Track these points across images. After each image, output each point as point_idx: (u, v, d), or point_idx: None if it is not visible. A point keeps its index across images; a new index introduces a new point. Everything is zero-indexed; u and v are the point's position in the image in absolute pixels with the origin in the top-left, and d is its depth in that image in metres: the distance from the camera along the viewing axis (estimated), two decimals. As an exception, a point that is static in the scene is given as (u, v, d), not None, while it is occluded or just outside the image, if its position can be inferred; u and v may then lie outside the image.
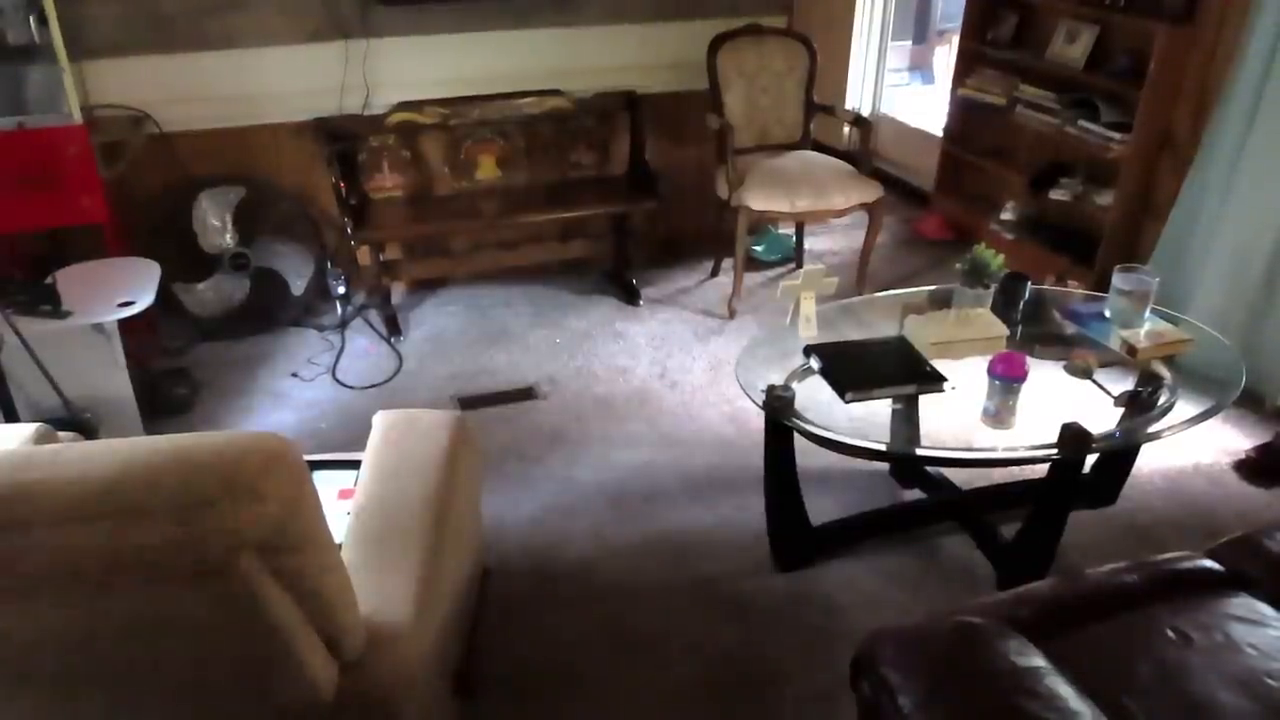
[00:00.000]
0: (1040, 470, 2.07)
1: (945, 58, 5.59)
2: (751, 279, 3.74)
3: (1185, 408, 2.01)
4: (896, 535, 2.39)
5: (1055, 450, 1.90)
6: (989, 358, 1.97)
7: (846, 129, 4.56)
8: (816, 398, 2.04)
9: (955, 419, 2.02)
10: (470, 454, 1.83)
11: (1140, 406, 2.05)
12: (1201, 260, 3.02)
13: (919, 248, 4.17)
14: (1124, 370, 2.15)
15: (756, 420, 2.15)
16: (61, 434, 1.71)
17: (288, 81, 3.36)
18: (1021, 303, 2.27)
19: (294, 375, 3.15)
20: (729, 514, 2.43)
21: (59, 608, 1.06)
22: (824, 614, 2.14)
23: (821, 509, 2.39)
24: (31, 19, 2.65)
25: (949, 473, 2.49)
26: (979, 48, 3.99)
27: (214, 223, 3.26)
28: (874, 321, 2.34)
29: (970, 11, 4.01)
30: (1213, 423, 2.06)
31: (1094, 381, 2.10)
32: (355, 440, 1.86)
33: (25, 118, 2.76)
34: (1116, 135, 3.34)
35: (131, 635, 1.11)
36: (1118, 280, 2.20)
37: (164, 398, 2.87)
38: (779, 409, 1.99)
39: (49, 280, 2.50)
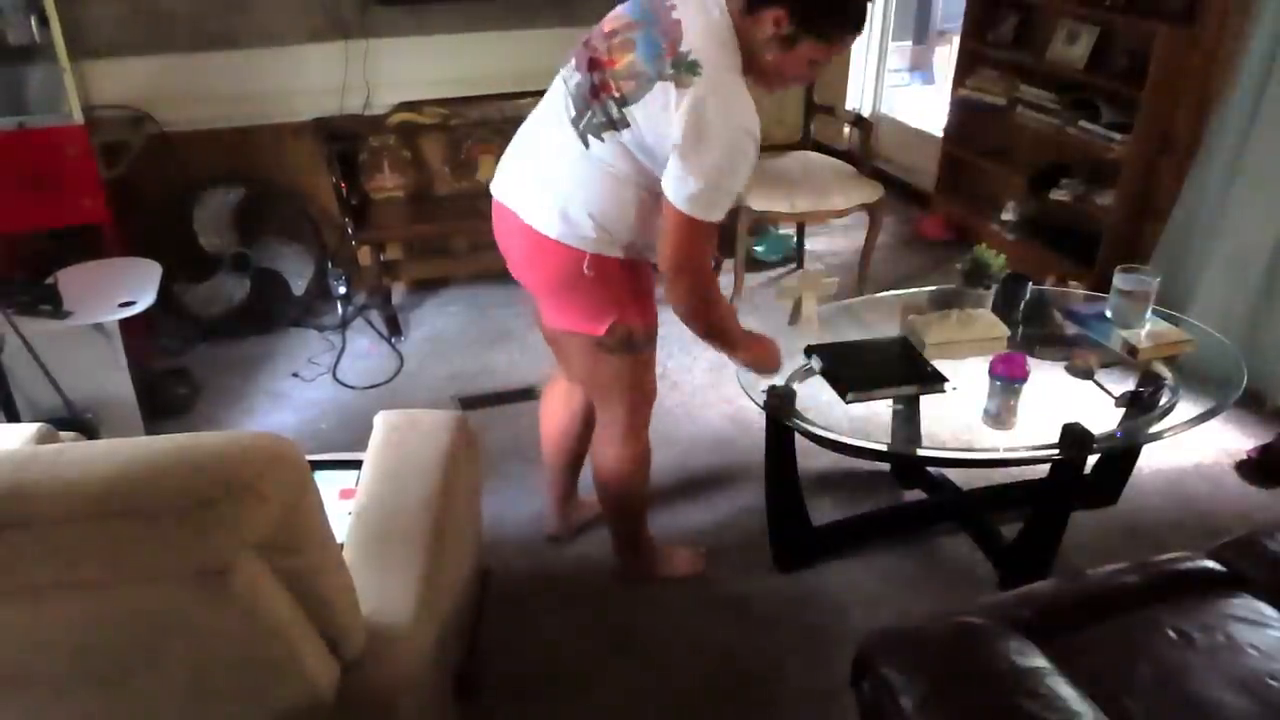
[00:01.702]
0: (1041, 470, 2.07)
1: (945, 58, 5.59)
2: (751, 279, 3.74)
3: (1186, 408, 2.01)
4: (897, 535, 2.39)
5: (1056, 451, 1.90)
6: (990, 358, 1.97)
7: (847, 129, 4.55)
8: (817, 398, 2.04)
9: (956, 419, 2.02)
10: (471, 454, 1.83)
11: (1141, 407, 2.05)
12: (1202, 260, 3.02)
13: (919, 248, 4.17)
14: (1125, 371, 2.15)
15: (757, 420, 2.15)
16: (63, 434, 1.71)
17: (288, 81, 3.36)
18: (1022, 303, 2.27)
19: (295, 375, 3.15)
20: (729, 514, 2.43)
21: (59, 607, 1.06)
22: (824, 614, 2.14)
23: (822, 509, 2.39)
24: (32, 19, 2.65)
25: (950, 473, 2.49)
26: (979, 48, 3.99)
27: (214, 223, 3.26)
28: (874, 322, 2.34)
29: (970, 11, 4.01)
30: (1213, 423, 2.06)
31: (1095, 382, 2.10)
32: (356, 440, 1.86)
33: (26, 118, 2.76)
34: (1117, 135, 3.34)
35: (132, 635, 1.11)
36: (1118, 280, 2.20)
37: (165, 398, 2.87)
38: (780, 409, 1.99)
39: (50, 280, 2.50)
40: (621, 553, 2.21)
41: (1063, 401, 2.02)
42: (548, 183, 1.71)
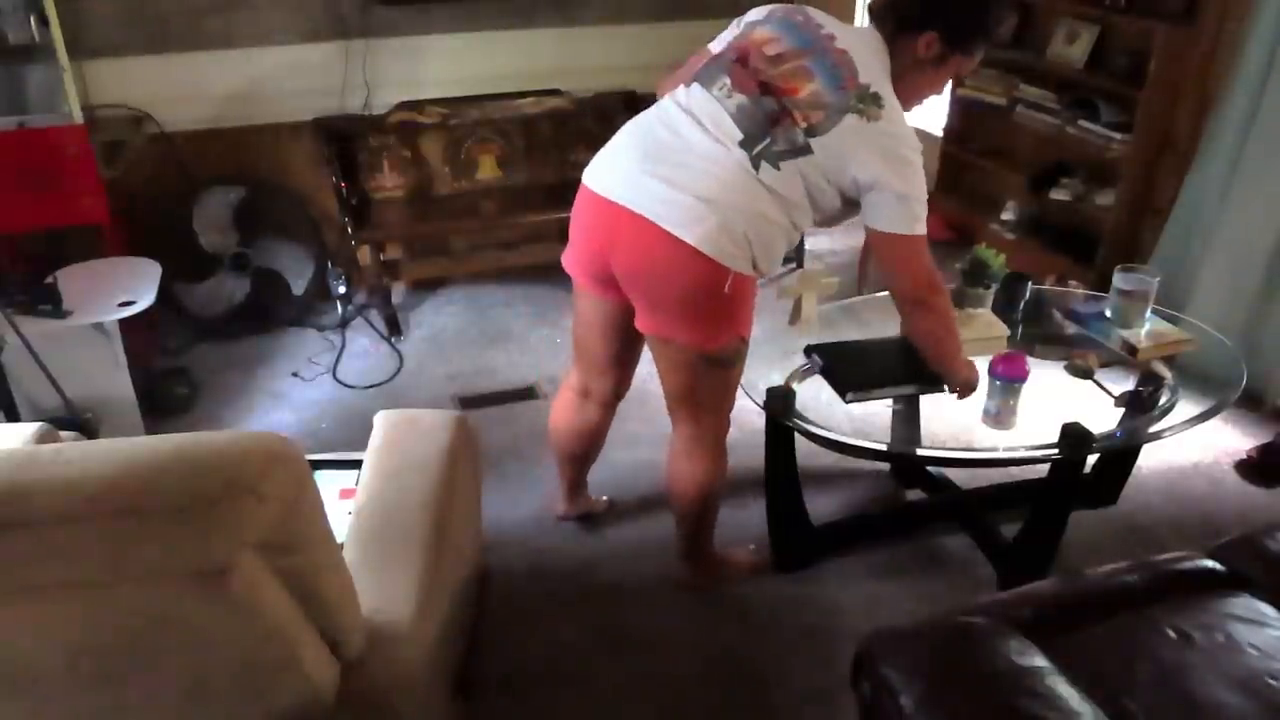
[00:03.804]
0: (1041, 470, 2.07)
1: (945, 58, 5.58)
2: (752, 279, 3.73)
3: (1186, 408, 2.01)
4: (897, 535, 2.39)
5: (1056, 450, 1.90)
6: (990, 358, 1.97)
7: (847, 129, 4.54)
8: (817, 398, 2.04)
9: (956, 419, 2.02)
10: (471, 454, 1.83)
11: (1141, 406, 2.05)
12: (1201, 260, 3.02)
13: (919, 248, 4.16)
14: (1125, 370, 2.15)
15: (757, 420, 2.15)
16: (63, 434, 1.71)
17: (288, 81, 3.36)
18: (1022, 303, 2.27)
19: (295, 375, 3.15)
20: (729, 514, 2.42)
21: (59, 608, 1.06)
22: (824, 614, 2.14)
23: (822, 509, 2.39)
24: (32, 19, 2.65)
25: (950, 473, 2.49)
26: (979, 48, 3.99)
27: (214, 223, 3.26)
28: (874, 321, 2.34)
29: (970, 11, 4.00)
30: (1213, 423, 2.06)
31: (1095, 381, 2.10)
32: (356, 440, 1.86)
33: (25, 117, 2.76)
34: (1116, 135, 3.34)
35: (132, 635, 1.11)
36: (1118, 280, 2.20)
37: (164, 397, 2.87)
38: (779, 409, 1.99)
39: (49, 280, 2.50)
40: (689, 560, 2.20)
41: (1063, 401, 2.02)
42: (707, 197, 1.65)
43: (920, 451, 2.08)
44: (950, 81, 1.77)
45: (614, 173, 1.76)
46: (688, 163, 1.68)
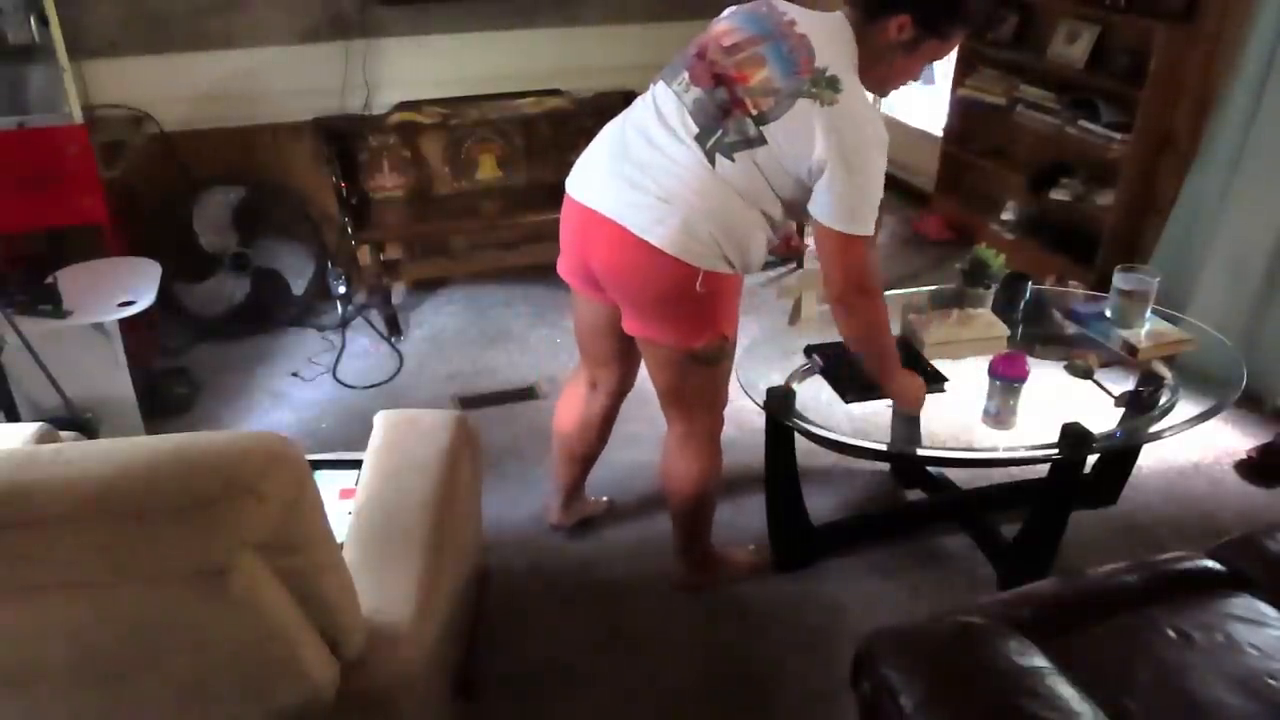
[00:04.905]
0: (1041, 470, 2.07)
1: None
2: (752, 279, 3.72)
3: (1186, 408, 2.01)
4: (897, 535, 2.39)
5: (1056, 450, 1.90)
6: (990, 358, 1.97)
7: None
8: (817, 398, 2.04)
9: (956, 419, 2.02)
10: (471, 454, 1.83)
11: (1141, 406, 2.05)
12: (1202, 260, 3.02)
13: (919, 248, 4.17)
14: (1125, 370, 2.15)
15: (757, 420, 2.15)
16: (63, 433, 1.72)
17: (288, 81, 3.36)
18: (1022, 303, 2.27)
19: (294, 375, 3.15)
20: (729, 514, 2.42)
21: (59, 607, 1.06)
22: (824, 614, 2.14)
23: (822, 509, 2.39)
24: (32, 19, 2.65)
25: (950, 473, 2.49)
26: (979, 48, 3.99)
27: (214, 223, 3.26)
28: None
29: (970, 11, 3.99)
30: (1213, 423, 2.06)
31: (1095, 381, 2.10)
32: (356, 440, 1.86)
33: (25, 118, 2.76)
34: (1116, 135, 3.34)
35: (132, 635, 1.11)
36: (1118, 280, 2.20)
37: (164, 397, 2.87)
38: (779, 409, 1.99)
39: (49, 280, 2.50)
40: (687, 559, 2.19)
41: (1063, 401, 2.02)
42: (667, 197, 1.65)
43: (920, 451, 2.08)
44: (931, 67, 1.71)
45: (588, 177, 1.79)
46: (652, 162, 1.68)
